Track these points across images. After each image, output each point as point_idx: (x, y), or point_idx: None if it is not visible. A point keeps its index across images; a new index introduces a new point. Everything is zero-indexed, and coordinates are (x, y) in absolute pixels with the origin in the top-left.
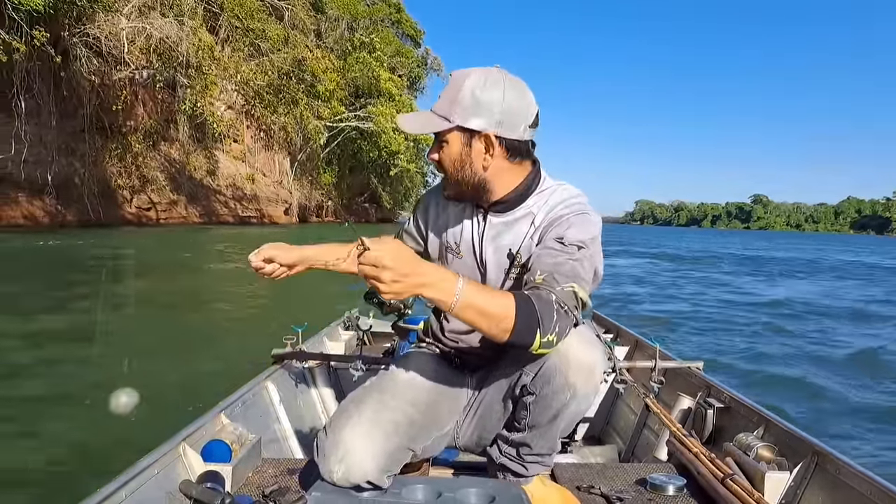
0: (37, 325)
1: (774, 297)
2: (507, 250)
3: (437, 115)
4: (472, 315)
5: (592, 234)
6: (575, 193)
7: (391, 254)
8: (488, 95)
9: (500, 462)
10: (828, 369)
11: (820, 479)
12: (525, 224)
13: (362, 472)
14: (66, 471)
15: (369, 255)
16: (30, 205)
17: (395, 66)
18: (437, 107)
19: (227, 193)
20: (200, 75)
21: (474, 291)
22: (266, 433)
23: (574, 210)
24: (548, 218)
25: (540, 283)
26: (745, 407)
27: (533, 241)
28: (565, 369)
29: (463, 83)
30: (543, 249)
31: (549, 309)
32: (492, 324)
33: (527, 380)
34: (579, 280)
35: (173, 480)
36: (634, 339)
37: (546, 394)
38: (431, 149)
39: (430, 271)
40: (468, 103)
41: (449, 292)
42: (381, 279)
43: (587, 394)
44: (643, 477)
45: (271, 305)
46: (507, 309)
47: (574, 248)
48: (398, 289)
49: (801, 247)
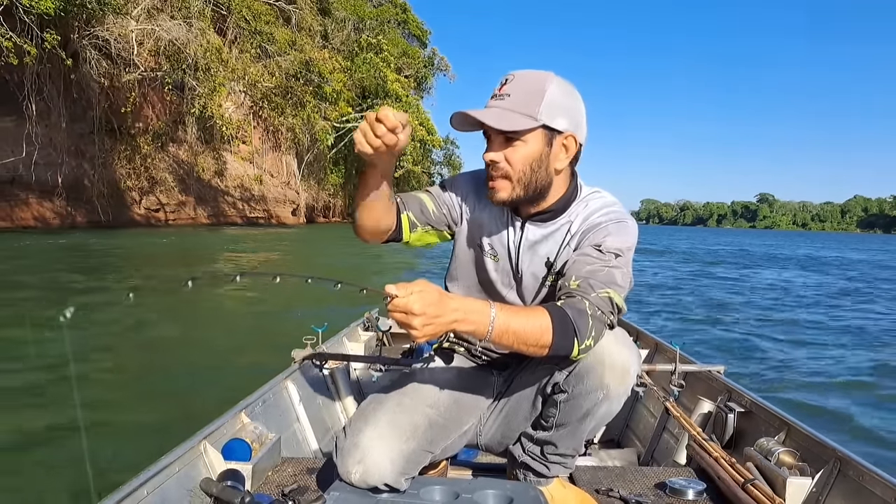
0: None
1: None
2: (546, 259)
3: (516, 113)
4: (510, 340)
5: (630, 242)
6: (611, 201)
7: (419, 299)
8: (570, 99)
9: (523, 461)
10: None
11: (842, 486)
12: (562, 233)
13: (380, 474)
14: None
15: (398, 303)
16: (40, 206)
17: (401, 66)
18: (511, 104)
19: (235, 194)
20: (209, 77)
21: (508, 316)
22: (286, 432)
23: (612, 218)
24: (585, 225)
25: (575, 288)
26: (767, 411)
27: (570, 248)
28: (600, 369)
29: (545, 84)
30: (580, 256)
31: (583, 316)
32: (530, 344)
33: (560, 378)
34: (615, 286)
35: (194, 478)
36: (654, 342)
37: (579, 392)
38: (491, 148)
39: (459, 307)
40: (554, 103)
41: (483, 324)
42: (413, 325)
43: (620, 395)
44: (662, 481)
45: (288, 309)
46: (544, 326)
47: (612, 255)
48: (431, 331)
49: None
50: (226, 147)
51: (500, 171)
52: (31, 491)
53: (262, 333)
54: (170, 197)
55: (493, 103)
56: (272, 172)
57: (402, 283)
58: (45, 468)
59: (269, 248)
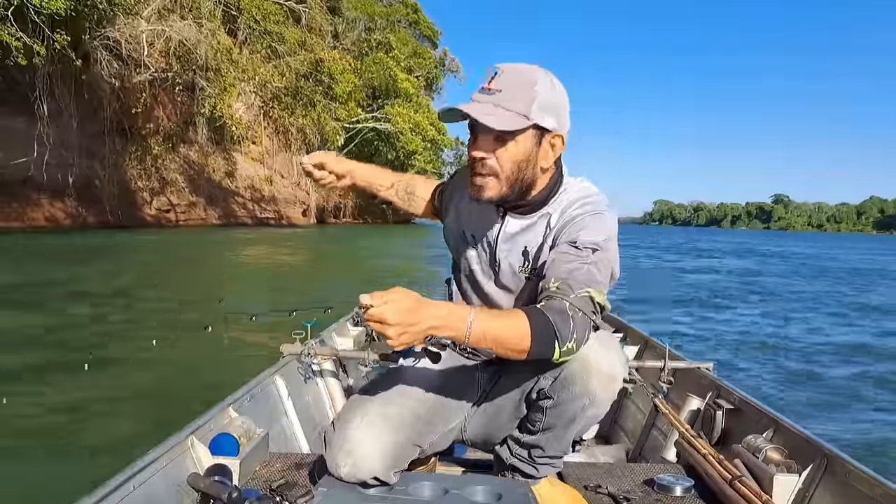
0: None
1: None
2: (523, 248)
3: (510, 112)
4: (488, 344)
5: (607, 234)
6: (591, 192)
7: (393, 309)
8: (557, 96)
9: (511, 463)
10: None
11: (829, 483)
12: (542, 225)
13: (369, 467)
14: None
15: (373, 313)
16: (51, 207)
17: (412, 66)
18: (502, 101)
19: (245, 195)
20: (219, 78)
21: (486, 320)
22: (274, 427)
23: (587, 210)
24: (562, 219)
25: (554, 291)
26: (755, 409)
27: (548, 242)
28: (586, 376)
29: (535, 81)
30: (558, 255)
31: (564, 318)
32: (509, 348)
33: (545, 384)
34: (595, 284)
35: (181, 473)
36: (644, 338)
37: (564, 399)
38: (479, 145)
39: (435, 313)
40: (544, 102)
41: (459, 329)
42: (388, 334)
43: (605, 400)
44: (651, 477)
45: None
46: (522, 329)
47: (588, 251)
48: (407, 339)
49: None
50: (236, 148)
51: (488, 168)
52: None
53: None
54: (180, 198)
55: (481, 97)
56: (282, 173)
57: (378, 291)
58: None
59: (282, 245)
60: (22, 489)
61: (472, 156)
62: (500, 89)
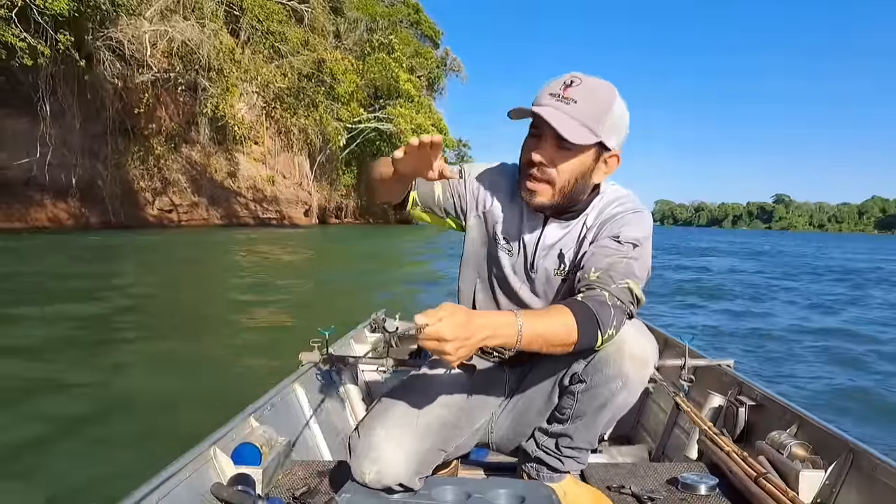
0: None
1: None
2: (559, 251)
3: (583, 126)
4: (539, 345)
5: (646, 231)
6: (626, 192)
7: (448, 325)
8: (625, 119)
9: (536, 455)
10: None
11: (856, 478)
12: (578, 228)
13: (394, 474)
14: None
15: (429, 332)
16: (54, 207)
17: (413, 66)
18: (578, 113)
19: (247, 195)
20: (221, 78)
21: (534, 323)
22: (295, 435)
23: (628, 208)
24: (601, 217)
25: (594, 280)
26: (778, 404)
27: (586, 241)
28: (619, 359)
29: (612, 101)
30: (598, 248)
31: (605, 308)
32: (557, 345)
33: (578, 368)
34: (634, 277)
35: (204, 483)
36: (663, 336)
37: (597, 382)
38: (542, 150)
39: (487, 323)
40: (615, 123)
41: (511, 335)
42: (447, 351)
43: (637, 384)
44: (674, 476)
45: (298, 311)
46: (569, 325)
47: (629, 245)
48: (464, 353)
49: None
50: (238, 148)
51: (545, 174)
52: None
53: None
54: (182, 198)
55: (553, 103)
56: (284, 173)
57: (430, 310)
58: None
59: (286, 246)
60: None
61: (531, 158)
62: (576, 100)
